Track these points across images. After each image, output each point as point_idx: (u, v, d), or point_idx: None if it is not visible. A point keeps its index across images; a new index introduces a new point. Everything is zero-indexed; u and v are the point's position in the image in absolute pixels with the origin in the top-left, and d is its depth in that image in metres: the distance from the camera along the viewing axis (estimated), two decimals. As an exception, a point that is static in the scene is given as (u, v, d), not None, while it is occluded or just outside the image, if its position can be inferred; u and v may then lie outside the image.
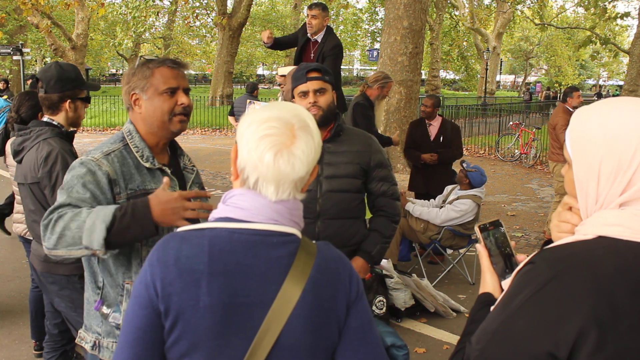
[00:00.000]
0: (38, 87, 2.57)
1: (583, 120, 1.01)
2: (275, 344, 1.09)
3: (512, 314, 0.95)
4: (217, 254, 1.10)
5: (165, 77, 1.74)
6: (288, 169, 1.10)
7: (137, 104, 1.77)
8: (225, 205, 1.16)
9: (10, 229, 5.42)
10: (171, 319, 1.09)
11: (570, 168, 1.04)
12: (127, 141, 1.79)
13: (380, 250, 2.62)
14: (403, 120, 6.50)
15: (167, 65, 1.76)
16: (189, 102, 1.79)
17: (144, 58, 1.80)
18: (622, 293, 0.90)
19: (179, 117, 1.77)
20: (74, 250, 1.56)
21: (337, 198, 2.50)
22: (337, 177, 2.50)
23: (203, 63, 41.68)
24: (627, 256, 0.93)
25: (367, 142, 2.60)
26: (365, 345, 1.18)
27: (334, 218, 2.51)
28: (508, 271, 1.19)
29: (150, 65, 1.75)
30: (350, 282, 1.19)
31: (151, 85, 1.74)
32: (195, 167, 2.00)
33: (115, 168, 1.71)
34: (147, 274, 1.12)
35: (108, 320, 1.75)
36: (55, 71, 2.54)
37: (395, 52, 6.47)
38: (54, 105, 2.57)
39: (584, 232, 0.99)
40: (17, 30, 26.48)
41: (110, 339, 1.76)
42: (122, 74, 50.78)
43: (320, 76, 2.47)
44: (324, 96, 2.48)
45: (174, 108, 1.76)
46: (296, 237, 1.16)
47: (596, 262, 0.93)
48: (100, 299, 1.76)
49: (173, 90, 1.75)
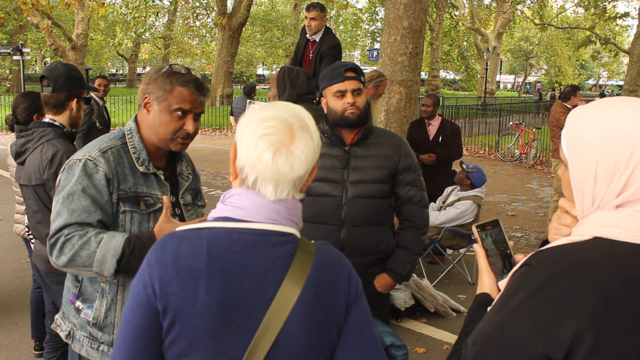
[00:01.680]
0: (42, 86, 2.54)
1: (579, 120, 1.00)
2: (274, 343, 1.09)
3: (507, 316, 0.95)
4: (216, 253, 1.10)
5: (183, 97, 1.70)
6: (287, 168, 1.10)
7: (147, 108, 1.75)
8: (224, 204, 1.16)
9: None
10: (169, 318, 1.09)
11: (566, 169, 1.04)
12: (127, 139, 1.78)
13: (411, 269, 2.55)
14: (403, 120, 6.49)
15: (189, 89, 1.71)
16: (195, 130, 1.76)
17: (172, 68, 1.74)
18: (618, 295, 0.89)
19: (181, 140, 1.76)
20: (83, 271, 1.65)
21: (364, 204, 2.43)
22: (363, 182, 2.43)
23: (203, 63, 41.67)
24: (624, 258, 0.92)
25: (396, 145, 2.51)
26: (365, 344, 1.18)
27: (360, 225, 2.43)
28: (506, 271, 1.18)
29: (174, 81, 1.70)
30: (349, 281, 1.18)
31: (166, 100, 1.70)
32: (191, 175, 1.97)
33: (111, 166, 1.70)
34: (146, 273, 1.12)
35: (80, 315, 1.77)
36: (63, 70, 2.53)
37: (395, 52, 6.46)
38: (60, 104, 2.55)
39: (580, 232, 0.99)
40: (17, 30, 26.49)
41: (82, 332, 1.77)
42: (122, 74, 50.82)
43: (357, 76, 2.42)
44: (361, 97, 2.42)
45: (178, 131, 1.73)
46: (295, 236, 1.15)
47: (592, 264, 0.92)
48: (76, 292, 1.79)
49: (184, 112, 1.72)
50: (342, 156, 2.46)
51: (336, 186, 2.43)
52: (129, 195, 1.71)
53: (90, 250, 1.60)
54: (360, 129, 2.46)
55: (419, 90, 6.85)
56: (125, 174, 1.73)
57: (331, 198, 2.43)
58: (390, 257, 2.56)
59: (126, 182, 1.72)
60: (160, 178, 1.81)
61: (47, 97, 2.54)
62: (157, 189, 1.78)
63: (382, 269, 2.55)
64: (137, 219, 1.72)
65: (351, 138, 2.47)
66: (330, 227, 2.42)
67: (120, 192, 1.71)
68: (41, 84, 2.56)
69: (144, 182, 1.76)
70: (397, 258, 2.53)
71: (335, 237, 2.40)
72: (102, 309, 1.73)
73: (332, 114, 2.43)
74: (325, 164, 2.43)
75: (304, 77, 3.48)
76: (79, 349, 1.77)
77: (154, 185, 1.78)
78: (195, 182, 2.00)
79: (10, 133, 3.56)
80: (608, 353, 0.87)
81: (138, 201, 1.73)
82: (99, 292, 1.74)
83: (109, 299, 1.73)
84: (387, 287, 2.54)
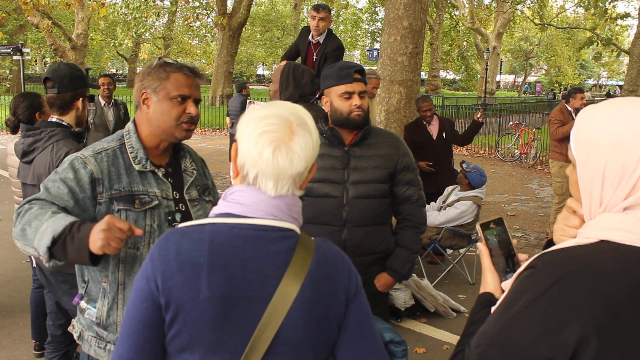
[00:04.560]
0: (47, 88, 2.53)
1: (588, 121, 1.00)
2: (275, 337, 1.11)
3: (512, 319, 0.94)
4: (218, 248, 1.12)
5: (179, 83, 1.73)
6: (286, 164, 1.12)
7: (146, 103, 1.77)
8: (226, 201, 1.19)
9: None
10: (172, 312, 1.11)
11: (574, 169, 1.03)
12: (124, 140, 1.80)
13: (410, 268, 2.56)
14: (403, 120, 6.50)
15: (184, 72, 1.75)
16: (197, 113, 1.79)
17: (162, 59, 1.78)
18: (623, 299, 0.89)
19: (186, 125, 1.77)
20: (28, 247, 1.56)
21: (365, 204, 2.43)
22: (364, 182, 2.43)
23: (203, 63, 41.67)
24: (630, 262, 0.92)
25: (395, 145, 2.52)
26: (364, 339, 1.20)
27: (362, 225, 2.44)
28: (509, 270, 1.18)
29: (168, 69, 1.74)
30: (349, 277, 1.20)
31: (164, 89, 1.73)
32: (196, 171, 1.98)
33: (102, 167, 1.71)
34: (148, 268, 1.14)
35: (84, 315, 1.78)
36: (67, 70, 2.53)
37: (395, 52, 6.46)
38: (66, 104, 2.54)
39: (586, 235, 0.98)
40: (17, 30, 26.49)
41: (90, 332, 1.79)
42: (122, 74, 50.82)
43: (363, 78, 2.42)
44: (365, 99, 2.43)
45: (182, 116, 1.76)
46: (295, 232, 1.17)
47: (598, 268, 0.91)
48: (82, 293, 1.80)
49: (184, 98, 1.74)
50: (342, 157, 2.46)
51: (337, 187, 2.44)
52: (124, 194, 1.72)
53: (41, 221, 1.53)
54: (360, 130, 2.46)
55: (419, 90, 6.85)
56: (119, 174, 1.74)
57: (332, 199, 2.43)
58: (389, 256, 2.56)
59: (120, 181, 1.73)
60: (158, 175, 1.81)
61: (52, 99, 2.53)
62: (154, 186, 1.78)
63: (382, 269, 2.55)
64: (132, 216, 1.72)
65: (350, 138, 2.47)
66: (331, 228, 2.43)
67: (114, 191, 1.71)
68: (45, 85, 2.54)
69: (140, 181, 1.76)
70: (396, 257, 2.54)
71: (337, 237, 2.40)
72: (104, 308, 1.74)
73: (337, 114, 2.42)
74: (325, 165, 2.43)
75: (309, 78, 3.46)
76: (88, 349, 1.79)
77: (152, 183, 1.78)
78: (203, 178, 2.00)
79: (9, 133, 3.55)
80: (613, 358, 0.87)
81: (133, 199, 1.73)
82: (101, 292, 1.75)
83: (110, 298, 1.74)
84: (387, 286, 2.54)
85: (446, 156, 5.74)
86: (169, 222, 1.79)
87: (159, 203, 1.77)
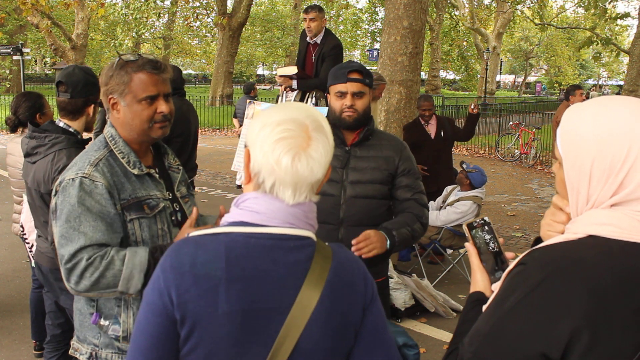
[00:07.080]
0: (59, 91, 2.47)
1: (575, 119, 1.00)
2: (294, 349, 1.08)
3: (504, 315, 0.95)
4: (234, 259, 1.08)
5: (144, 83, 1.65)
6: (307, 172, 1.09)
7: (115, 108, 1.70)
8: (239, 209, 1.14)
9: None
10: (187, 327, 1.07)
11: (561, 167, 1.03)
12: (111, 147, 1.72)
13: (403, 238, 2.31)
14: (403, 120, 6.50)
15: (146, 71, 1.65)
16: (169, 110, 1.71)
17: (122, 59, 1.67)
18: (613, 292, 0.90)
19: (160, 124, 1.71)
20: (105, 292, 1.60)
21: (362, 204, 2.41)
22: (362, 182, 2.41)
23: (203, 63, 41.67)
24: (618, 255, 0.93)
25: (397, 148, 2.49)
26: (381, 346, 1.18)
27: (358, 225, 2.39)
28: (498, 269, 1.20)
29: (129, 70, 1.65)
30: (365, 284, 1.18)
31: (130, 92, 1.65)
32: (180, 165, 1.93)
33: (108, 178, 1.64)
34: (161, 281, 1.09)
35: (108, 333, 1.71)
36: (82, 76, 2.47)
37: (395, 52, 6.47)
38: (78, 110, 2.49)
39: (574, 230, 0.99)
40: (17, 30, 26.50)
41: (109, 350, 1.72)
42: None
43: (361, 78, 2.38)
44: (362, 100, 2.39)
45: (154, 116, 1.69)
46: (312, 240, 1.14)
47: (587, 263, 0.92)
48: (96, 312, 1.72)
49: (153, 98, 1.67)
50: (342, 156, 2.46)
51: (335, 185, 2.44)
52: (132, 202, 1.67)
53: (116, 269, 1.56)
54: (361, 130, 2.46)
55: (419, 90, 6.85)
56: (121, 182, 1.67)
57: (329, 197, 2.43)
58: (387, 256, 2.55)
59: (124, 190, 1.67)
60: (154, 177, 1.77)
61: (64, 103, 2.47)
62: (154, 189, 1.74)
63: (377, 270, 2.53)
64: (146, 223, 1.68)
65: (352, 138, 2.47)
66: (328, 227, 2.42)
67: (122, 201, 1.66)
68: (57, 89, 2.48)
69: (141, 186, 1.71)
70: (391, 221, 2.38)
71: (333, 236, 2.39)
72: (130, 320, 1.70)
73: (332, 113, 2.46)
74: None
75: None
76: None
77: (151, 186, 1.74)
78: (184, 173, 1.96)
79: (9, 133, 3.54)
80: (605, 350, 0.88)
81: (141, 206, 1.69)
82: (122, 305, 1.70)
83: (135, 309, 1.69)
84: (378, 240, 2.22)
85: (446, 155, 5.76)
86: (172, 224, 1.76)
87: (164, 205, 1.74)
